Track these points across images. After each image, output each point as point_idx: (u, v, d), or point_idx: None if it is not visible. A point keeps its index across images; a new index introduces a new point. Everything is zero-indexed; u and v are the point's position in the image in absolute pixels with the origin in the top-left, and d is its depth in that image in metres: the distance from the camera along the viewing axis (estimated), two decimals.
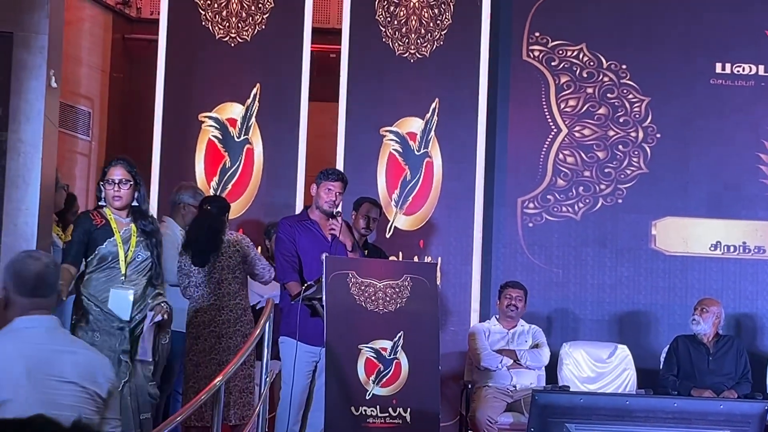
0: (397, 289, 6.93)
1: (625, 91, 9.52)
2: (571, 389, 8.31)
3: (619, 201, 9.48)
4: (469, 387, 8.43)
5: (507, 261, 9.40)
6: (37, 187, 6.46)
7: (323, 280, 6.70)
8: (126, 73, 10.39)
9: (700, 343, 8.57)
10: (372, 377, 6.77)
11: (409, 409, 6.82)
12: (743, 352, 8.62)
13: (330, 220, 7.15)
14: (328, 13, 10.41)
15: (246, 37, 9.11)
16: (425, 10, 9.29)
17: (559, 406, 7.20)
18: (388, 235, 9.08)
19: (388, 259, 8.35)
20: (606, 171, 9.49)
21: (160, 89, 9.01)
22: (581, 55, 9.54)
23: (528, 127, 9.50)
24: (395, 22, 9.25)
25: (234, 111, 9.08)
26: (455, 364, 8.88)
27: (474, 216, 9.22)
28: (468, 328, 8.83)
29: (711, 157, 9.48)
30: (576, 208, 9.47)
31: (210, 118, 9.03)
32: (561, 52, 9.54)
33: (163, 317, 6.14)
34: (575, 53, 9.54)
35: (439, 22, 9.29)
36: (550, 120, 9.50)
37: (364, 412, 6.72)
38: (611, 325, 9.39)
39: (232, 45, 9.11)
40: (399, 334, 6.88)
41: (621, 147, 9.51)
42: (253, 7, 9.13)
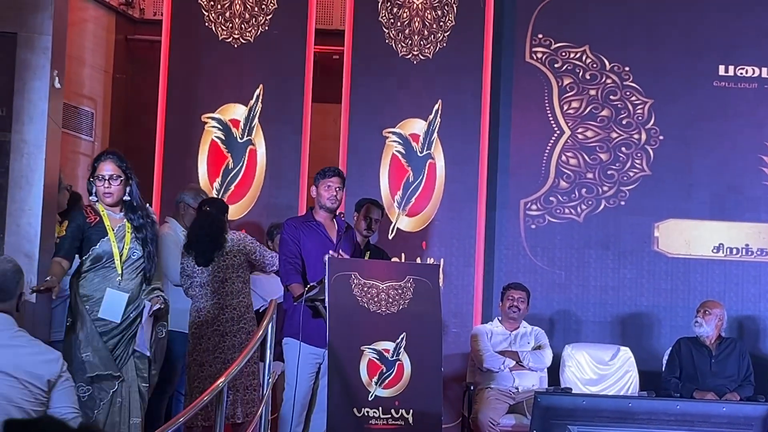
0: (399, 291, 6.93)
1: (628, 93, 9.52)
2: (574, 391, 8.30)
3: (622, 203, 9.47)
4: (472, 389, 8.44)
5: (509, 263, 9.40)
6: (40, 187, 6.46)
7: (326, 281, 6.71)
8: (129, 73, 10.39)
9: (703, 346, 8.56)
10: (374, 378, 6.77)
11: (411, 410, 6.82)
12: (746, 354, 8.61)
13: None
14: (332, 15, 10.41)
15: (249, 38, 9.12)
16: (428, 11, 9.29)
17: (561, 408, 7.21)
18: (391, 237, 9.09)
19: (390, 261, 8.36)
20: (609, 173, 9.49)
21: (163, 90, 9.01)
22: (584, 57, 9.54)
23: (531, 129, 9.50)
24: (398, 24, 9.25)
25: (237, 112, 9.08)
26: (457, 365, 8.88)
27: (476, 217, 9.22)
28: (470, 330, 8.83)
29: (714, 159, 9.48)
30: (579, 210, 9.47)
31: (213, 119, 9.03)
32: (564, 54, 9.54)
33: (161, 307, 6.10)
34: (578, 55, 9.54)
35: (442, 23, 9.29)
36: (552, 122, 9.50)
37: (366, 414, 6.72)
38: (614, 327, 9.39)
39: (235, 46, 9.11)
40: (401, 336, 6.88)
41: (624, 149, 9.50)
42: (256, 8, 9.14)
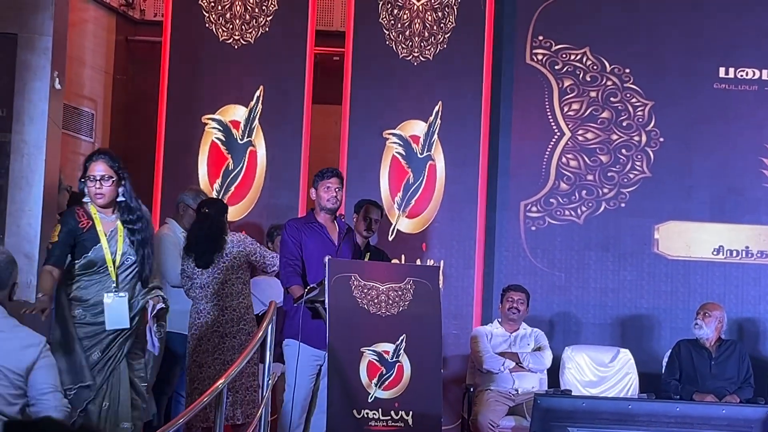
0: (399, 292, 6.93)
1: (628, 94, 9.52)
2: (573, 393, 8.30)
3: (622, 205, 9.47)
4: (471, 390, 8.43)
5: (509, 264, 9.40)
6: (40, 188, 6.46)
7: (326, 282, 6.71)
8: (129, 74, 10.39)
9: (703, 348, 8.56)
10: (374, 380, 6.77)
11: (411, 412, 6.82)
12: (745, 356, 8.61)
13: None
14: (332, 16, 10.42)
15: (250, 39, 9.11)
16: (429, 13, 9.29)
17: (561, 410, 7.21)
18: (391, 238, 9.08)
19: (390, 262, 8.36)
20: (609, 175, 9.49)
21: (164, 91, 9.01)
22: (584, 59, 9.54)
23: (531, 131, 9.49)
24: (399, 25, 9.25)
25: (237, 113, 9.08)
26: (457, 367, 8.88)
27: (477, 219, 9.22)
28: (470, 332, 8.83)
29: (714, 161, 9.48)
30: (579, 211, 9.46)
31: (213, 120, 9.03)
32: (564, 56, 9.54)
33: (163, 306, 6.04)
34: (578, 57, 9.54)
35: (442, 25, 9.29)
36: (553, 123, 9.50)
37: (366, 415, 6.72)
38: (613, 329, 9.39)
39: (236, 47, 9.11)
40: (401, 337, 6.88)
41: (624, 151, 9.50)
42: (256, 10, 9.14)
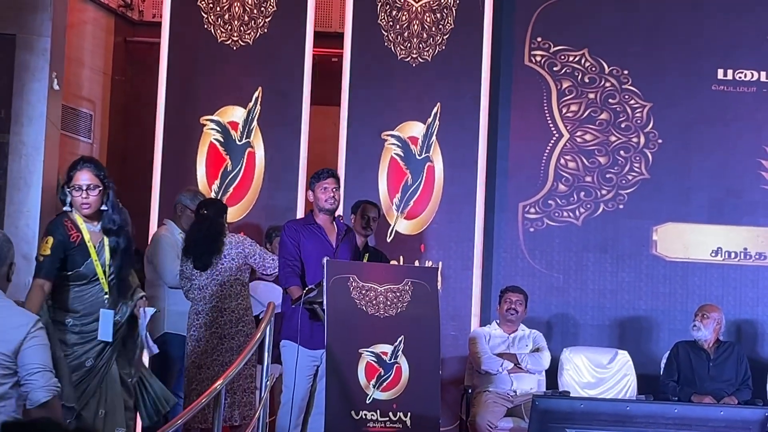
0: (397, 294, 6.93)
1: (626, 96, 9.52)
2: (572, 394, 8.30)
3: (621, 206, 9.48)
4: (470, 392, 8.43)
5: (508, 266, 9.40)
6: (38, 189, 6.47)
7: (324, 284, 6.71)
8: (128, 75, 10.40)
9: (701, 349, 8.57)
10: (372, 381, 6.77)
11: (409, 413, 6.82)
12: (744, 358, 8.61)
13: None
14: (331, 17, 10.42)
15: (248, 40, 9.11)
16: (427, 14, 9.29)
17: (559, 412, 7.20)
18: (389, 240, 9.08)
19: (389, 264, 8.36)
20: (607, 176, 9.49)
21: (162, 92, 9.00)
22: (583, 61, 9.54)
23: (529, 132, 9.50)
24: (397, 27, 9.25)
25: (236, 114, 9.08)
26: (456, 368, 8.88)
27: (475, 220, 9.22)
28: (468, 333, 8.83)
29: (712, 163, 9.48)
30: (577, 213, 9.47)
31: (212, 121, 9.03)
32: (563, 57, 9.54)
33: (156, 310, 6.01)
34: (577, 58, 9.54)
35: (441, 26, 9.29)
36: (551, 125, 9.50)
37: (364, 417, 6.72)
38: (612, 330, 9.39)
39: (235, 48, 9.11)
40: (399, 339, 6.89)
41: (622, 152, 9.51)
42: (255, 11, 9.14)
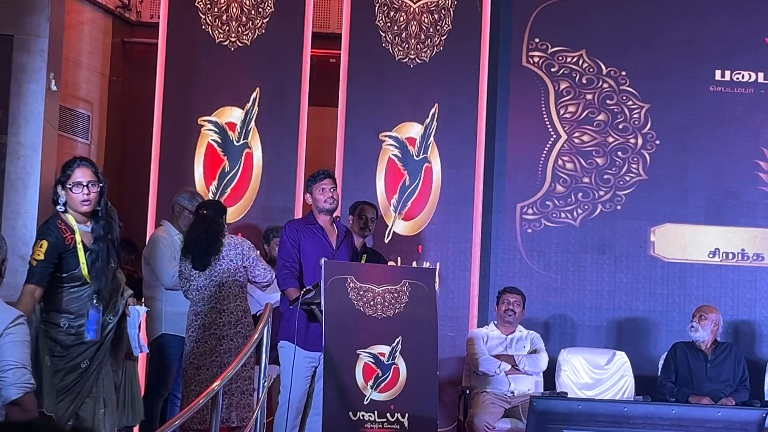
0: (395, 295, 6.93)
1: (624, 97, 9.53)
2: (569, 395, 8.30)
3: (618, 207, 9.48)
4: (467, 392, 8.43)
5: (505, 267, 9.40)
6: (36, 190, 6.46)
7: (321, 284, 6.70)
8: (126, 76, 10.39)
9: (699, 350, 8.57)
10: (370, 382, 6.77)
11: (407, 414, 6.82)
12: (741, 359, 8.62)
13: None
14: (328, 18, 10.42)
15: (246, 41, 9.11)
16: (425, 15, 9.29)
17: (557, 413, 7.21)
18: (387, 240, 9.08)
19: (386, 265, 8.36)
20: (605, 177, 9.49)
21: (160, 93, 8.99)
22: (581, 62, 9.55)
23: (527, 133, 9.50)
24: (395, 28, 9.25)
25: (233, 115, 9.07)
26: (453, 369, 8.88)
27: (473, 221, 9.22)
28: (466, 334, 8.83)
29: (710, 164, 9.49)
30: (575, 214, 9.47)
31: (209, 122, 9.03)
32: (561, 58, 9.55)
33: (148, 309, 6.01)
34: (575, 59, 9.55)
35: (439, 27, 9.29)
36: (549, 126, 9.50)
37: (361, 417, 6.72)
38: (609, 331, 9.39)
39: (232, 49, 9.10)
40: (397, 340, 6.88)
41: (620, 153, 9.51)
42: (253, 12, 9.14)
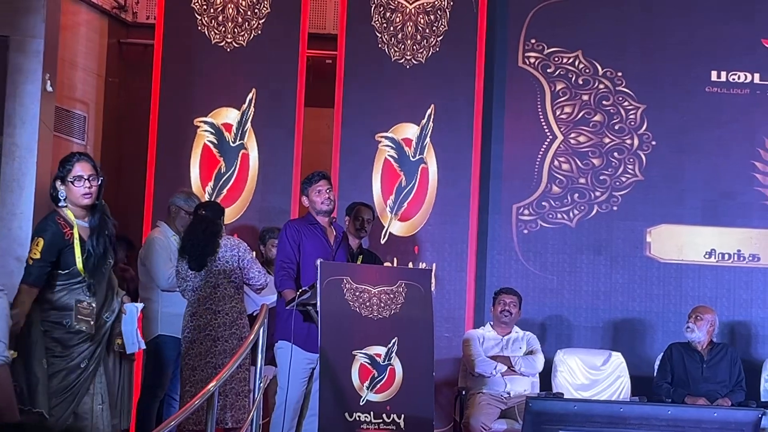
0: (391, 295, 6.92)
1: (620, 98, 9.53)
2: (565, 396, 8.31)
3: (614, 208, 9.48)
4: (463, 393, 8.43)
5: (501, 267, 9.40)
6: (31, 191, 6.45)
7: (318, 285, 6.70)
8: (122, 77, 10.39)
9: (695, 351, 8.57)
10: (366, 383, 6.77)
11: (403, 415, 6.81)
12: (737, 359, 8.62)
13: None
14: (324, 19, 10.42)
15: (242, 42, 9.11)
16: (421, 16, 9.29)
17: (553, 413, 7.20)
18: (383, 241, 9.08)
19: (382, 265, 8.36)
20: (601, 178, 9.49)
21: (156, 94, 9.00)
22: (577, 62, 9.55)
23: (523, 134, 9.50)
24: (391, 28, 9.25)
25: (229, 116, 9.07)
26: (449, 370, 8.88)
27: (469, 222, 9.22)
28: (462, 335, 8.83)
29: (706, 164, 9.49)
30: (571, 215, 9.47)
31: (205, 123, 9.03)
32: (557, 59, 9.55)
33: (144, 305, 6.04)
34: (571, 60, 9.55)
35: (435, 28, 9.29)
36: (545, 127, 9.50)
37: (358, 418, 6.72)
38: (605, 332, 9.39)
39: (228, 50, 9.10)
40: (393, 341, 6.88)
41: (616, 154, 9.51)
42: (249, 13, 9.13)
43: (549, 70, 9.54)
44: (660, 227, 9.47)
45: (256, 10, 9.14)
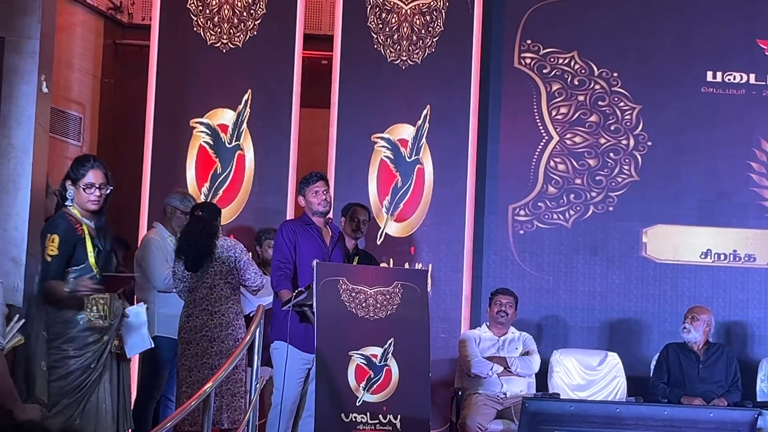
0: (387, 296, 6.93)
1: (616, 98, 9.54)
2: (562, 397, 8.31)
3: (610, 209, 9.48)
4: (460, 394, 8.43)
5: (498, 268, 9.40)
6: (27, 192, 6.42)
7: (314, 286, 6.70)
8: (117, 78, 10.38)
9: (691, 351, 8.58)
10: (362, 384, 6.77)
11: (399, 415, 6.82)
12: (733, 360, 8.63)
13: None
14: (320, 20, 10.42)
15: (238, 43, 9.11)
16: (417, 17, 9.30)
17: (549, 414, 7.20)
18: (379, 242, 9.08)
19: (378, 266, 8.35)
20: (597, 179, 9.50)
21: (152, 95, 9.00)
22: (573, 63, 9.55)
23: (519, 135, 9.50)
24: (387, 29, 9.25)
25: (225, 117, 9.07)
26: (446, 371, 8.88)
27: (465, 223, 9.22)
28: (458, 335, 8.83)
29: (702, 165, 9.50)
30: (567, 215, 9.47)
31: (201, 123, 9.03)
32: (552, 60, 9.55)
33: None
34: (567, 61, 9.55)
35: (430, 29, 9.30)
36: (541, 127, 9.51)
37: (354, 419, 6.72)
38: (601, 332, 9.39)
39: (224, 51, 9.10)
40: (389, 341, 6.88)
41: (612, 155, 9.52)
42: (244, 14, 9.13)
43: (545, 71, 9.54)
44: (656, 227, 9.47)
45: (251, 11, 9.14)
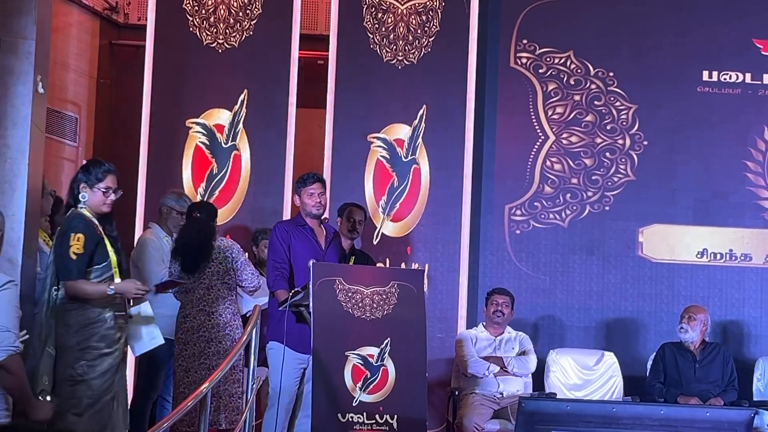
0: (384, 296, 6.92)
1: (612, 98, 9.54)
2: (558, 396, 8.31)
3: (607, 208, 9.49)
4: (456, 394, 8.43)
5: (494, 268, 9.40)
6: (23, 193, 6.42)
7: (310, 286, 6.70)
8: (113, 78, 10.38)
9: (687, 351, 8.58)
10: (359, 384, 6.77)
11: (396, 415, 6.81)
12: (729, 359, 8.63)
13: None
14: (316, 20, 10.41)
15: (234, 43, 9.11)
16: (413, 16, 9.30)
17: (545, 413, 7.21)
18: (376, 242, 9.08)
19: (375, 266, 8.35)
20: (593, 178, 9.50)
21: (148, 95, 8.99)
22: (569, 63, 9.56)
23: (515, 134, 9.51)
24: (383, 29, 9.25)
25: (221, 117, 9.07)
26: (442, 370, 8.88)
27: (461, 223, 9.22)
28: (455, 335, 8.83)
29: (698, 164, 9.51)
30: (563, 215, 9.48)
31: (197, 124, 9.02)
32: (548, 59, 9.55)
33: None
34: (563, 60, 9.56)
35: (426, 28, 9.30)
36: (537, 127, 9.51)
37: (351, 419, 6.72)
38: (598, 332, 9.40)
39: (220, 51, 9.10)
40: (386, 341, 6.88)
41: (608, 154, 9.52)
42: (240, 14, 9.13)
43: (541, 71, 9.55)
44: (652, 227, 9.48)
45: (247, 11, 9.13)
